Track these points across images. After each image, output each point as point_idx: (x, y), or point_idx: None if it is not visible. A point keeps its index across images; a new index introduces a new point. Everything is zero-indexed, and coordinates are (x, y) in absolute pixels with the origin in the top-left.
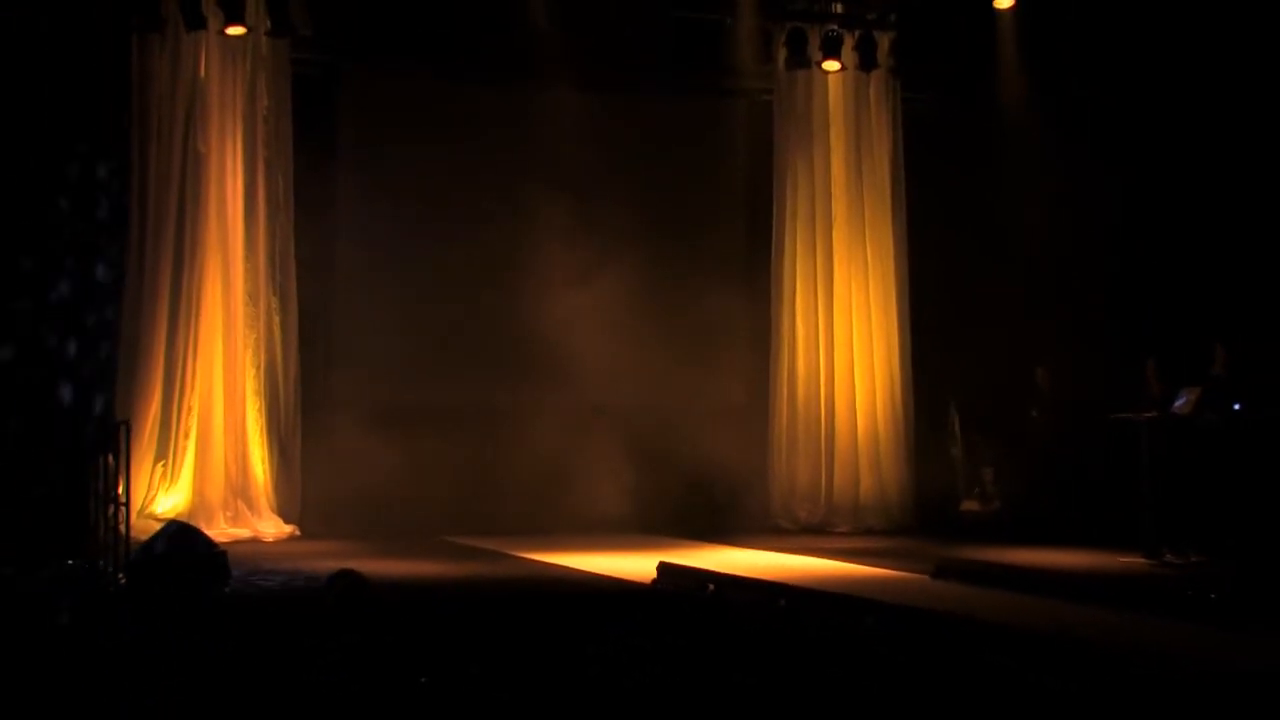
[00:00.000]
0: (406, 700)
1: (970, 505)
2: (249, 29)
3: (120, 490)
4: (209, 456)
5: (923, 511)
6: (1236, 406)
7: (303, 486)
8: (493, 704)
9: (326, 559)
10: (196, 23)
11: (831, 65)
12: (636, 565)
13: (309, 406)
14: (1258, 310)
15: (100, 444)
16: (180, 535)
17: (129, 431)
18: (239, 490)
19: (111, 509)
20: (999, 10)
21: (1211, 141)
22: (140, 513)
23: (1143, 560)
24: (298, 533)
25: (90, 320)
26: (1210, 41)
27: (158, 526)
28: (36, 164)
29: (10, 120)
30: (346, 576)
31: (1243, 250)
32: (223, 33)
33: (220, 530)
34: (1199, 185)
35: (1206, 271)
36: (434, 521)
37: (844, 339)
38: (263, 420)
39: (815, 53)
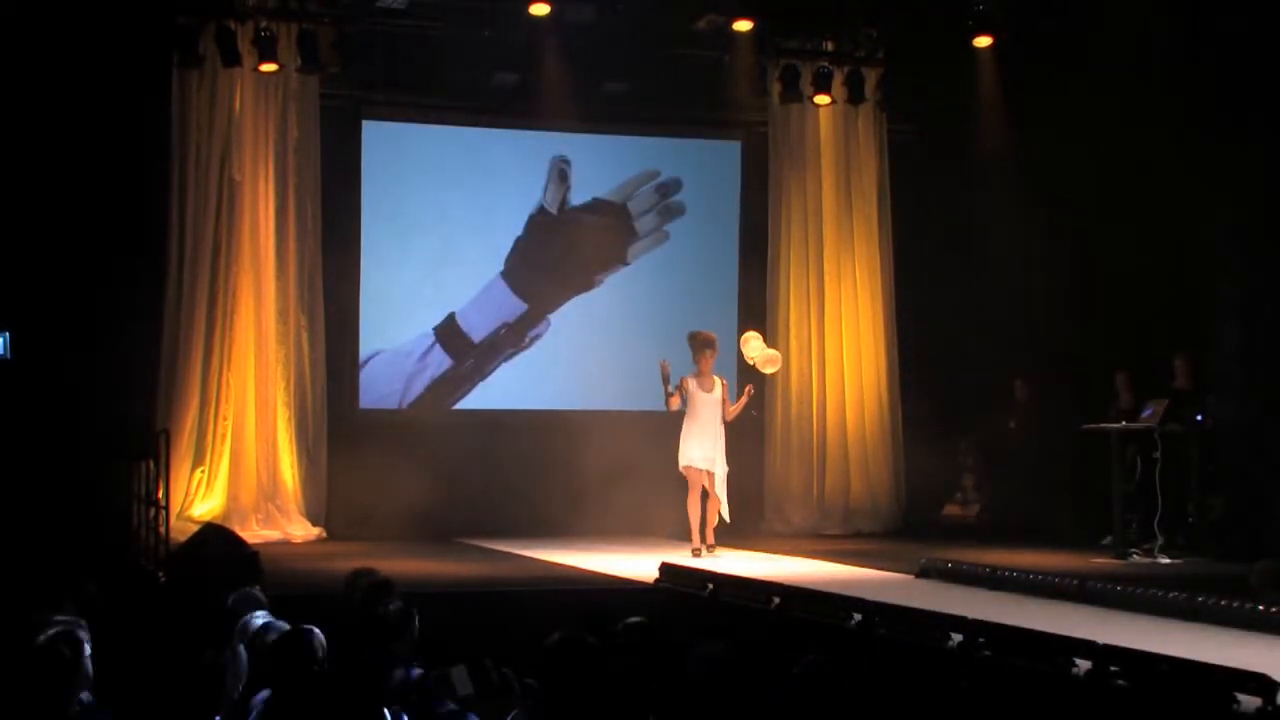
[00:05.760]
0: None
1: (952, 509)
2: (281, 66)
3: (160, 494)
4: (242, 463)
5: (909, 515)
6: (1199, 418)
7: (329, 491)
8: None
9: (351, 559)
10: (232, 60)
11: (822, 99)
12: (640, 566)
13: (334, 417)
14: (1222, 325)
15: (141, 451)
16: (216, 536)
17: (168, 439)
18: (270, 495)
19: (152, 512)
20: (978, 49)
21: (1171, 165)
22: (179, 515)
23: (1112, 560)
24: (324, 535)
25: (132, 335)
26: (1168, 69)
27: (195, 528)
28: (82, 189)
29: (61, 147)
30: (367, 575)
31: (1205, 270)
32: (257, 70)
33: (253, 532)
34: (1167, 209)
35: (1175, 289)
36: (450, 524)
37: (834, 354)
38: (292, 429)
39: (807, 87)
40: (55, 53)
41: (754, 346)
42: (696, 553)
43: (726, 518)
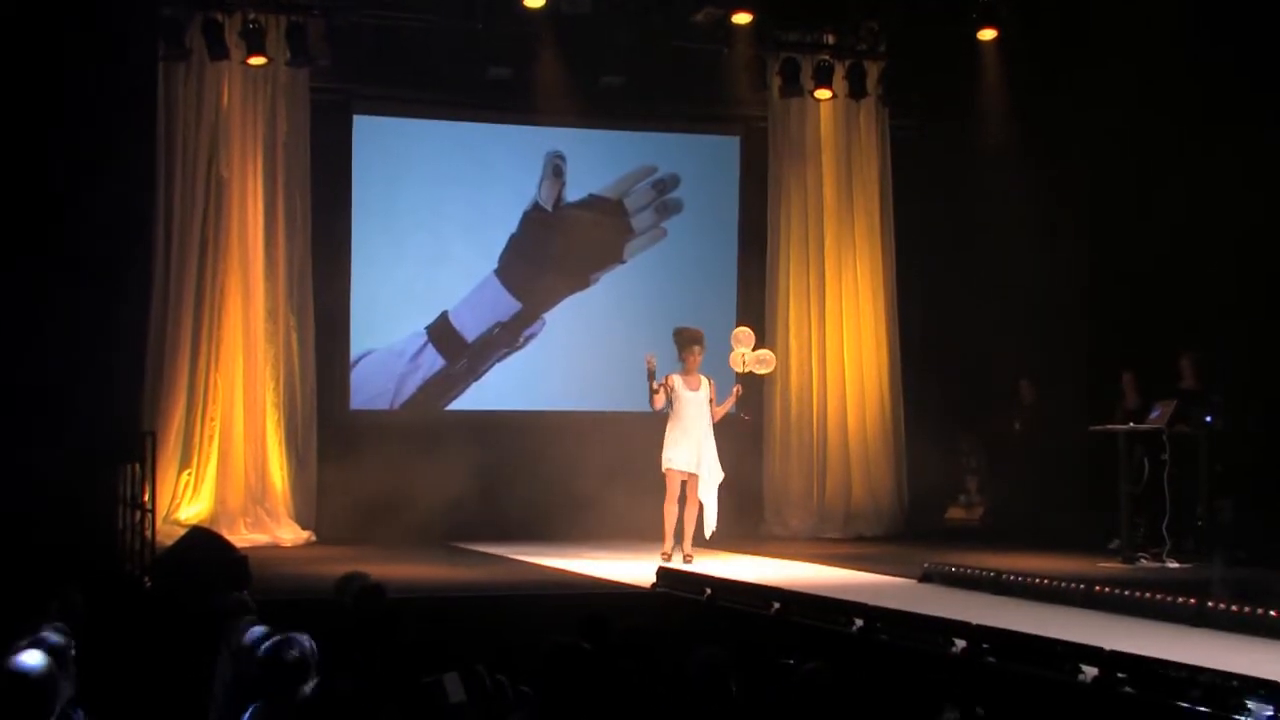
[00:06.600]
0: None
1: (956, 512)
2: (270, 59)
3: (146, 497)
4: (230, 465)
5: (911, 518)
6: (1208, 419)
7: (319, 494)
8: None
9: (341, 563)
10: (220, 53)
11: (823, 94)
12: (636, 570)
13: (324, 418)
14: (1227, 325)
15: (126, 453)
16: (203, 541)
17: (154, 441)
18: (258, 498)
19: (137, 515)
20: (982, 42)
21: (1179, 161)
22: (165, 519)
23: (1119, 565)
24: (314, 538)
25: (118, 334)
26: (1180, 64)
27: (182, 532)
28: (65, 184)
29: (43, 141)
30: (358, 579)
31: (1211, 268)
32: (245, 63)
33: (241, 536)
34: (1173, 205)
35: (1181, 287)
36: (443, 528)
37: (835, 353)
38: (281, 431)
39: (808, 81)
40: (36, 44)
41: (745, 349)
42: (666, 557)
43: (708, 530)
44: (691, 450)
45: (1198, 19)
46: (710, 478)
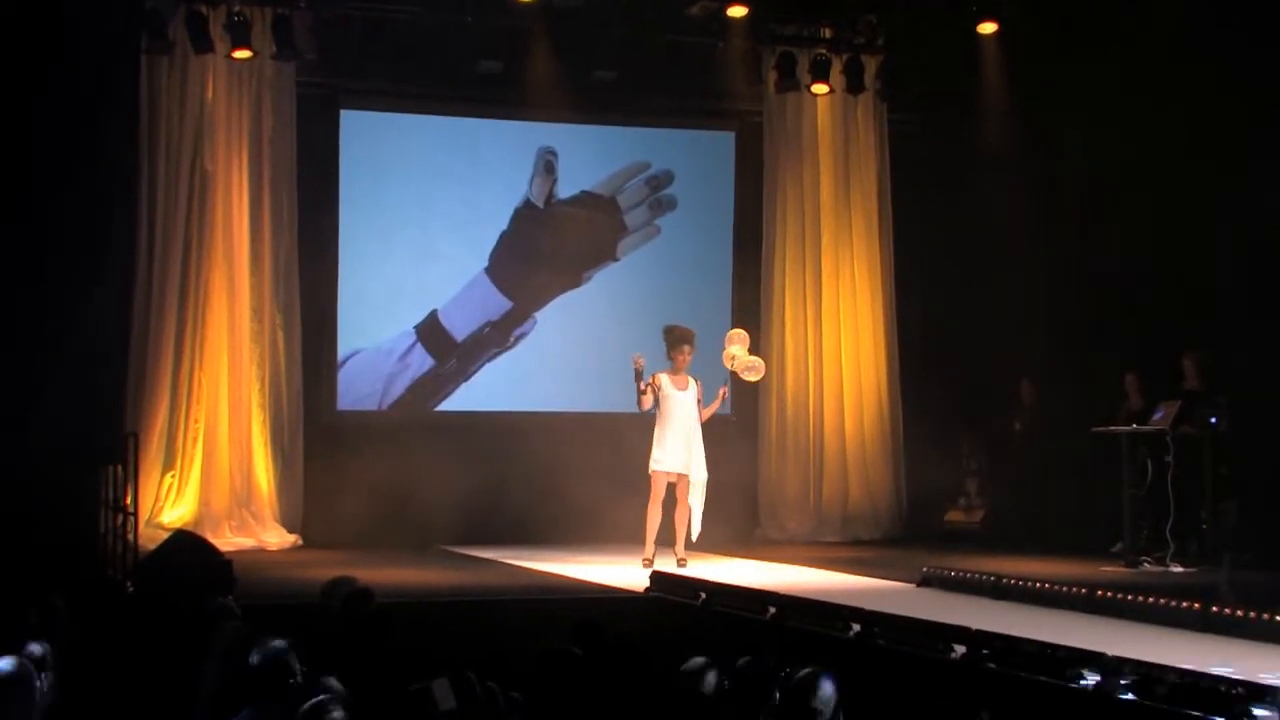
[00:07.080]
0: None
1: (955, 515)
2: (255, 53)
3: (128, 500)
4: (214, 467)
5: (910, 521)
6: (1213, 420)
7: (305, 497)
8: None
9: (328, 567)
10: (204, 46)
11: (820, 88)
12: (630, 574)
13: (311, 419)
14: (1231, 324)
15: (108, 455)
16: (187, 544)
17: (137, 443)
18: (243, 500)
19: (120, 518)
20: (982, 35)
21: (1189, 155)
22: (148, 522)
23: (1122, 568)
24: (300, 542)
25: (99, 332)
26: (1186, 61)
27: (165, 536)
28: (46, 179)
29: (22, 135)
30: (345, 584)
31: (1214, 267)
32: (229, 56)
33: (225, 539)
34: (1179, 199)
35: (1184, 286)
36: (432, 531)
37: (832, 353)
38: (267, 432)
39: (804, 76)
40: (17, 37)
41: (738, 350)
42: (647, 563)
43: (693, 533)
44: (681, 451)
45: (1200, 13)
46: (696, 479)
